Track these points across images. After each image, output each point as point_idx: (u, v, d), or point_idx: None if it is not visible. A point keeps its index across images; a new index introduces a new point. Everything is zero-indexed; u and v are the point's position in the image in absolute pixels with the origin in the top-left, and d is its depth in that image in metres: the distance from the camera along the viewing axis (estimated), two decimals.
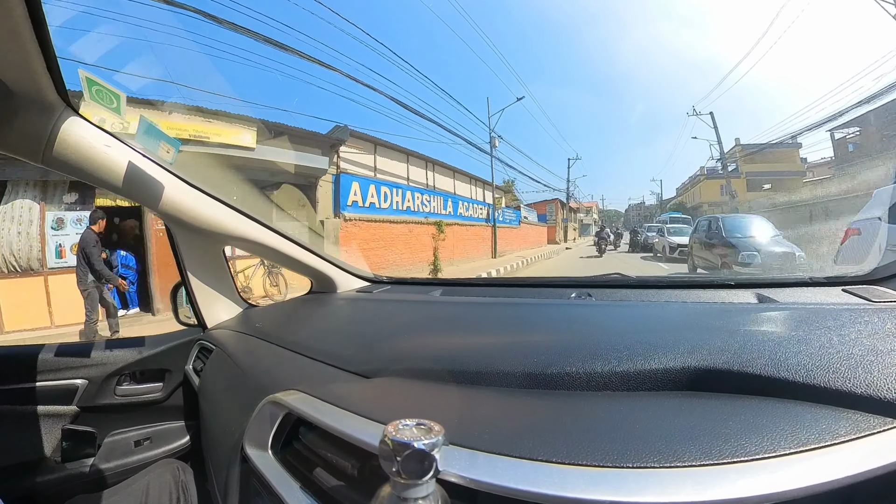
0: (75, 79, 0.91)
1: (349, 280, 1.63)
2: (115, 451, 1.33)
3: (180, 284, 1.46)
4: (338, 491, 0.49)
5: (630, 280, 1.30)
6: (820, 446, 0.34)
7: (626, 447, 0.36)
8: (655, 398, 0.49)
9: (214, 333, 1.33)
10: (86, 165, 0.98)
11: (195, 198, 1.21)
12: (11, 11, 0.62)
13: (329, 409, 0.53)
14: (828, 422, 0.37)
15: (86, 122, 0.95)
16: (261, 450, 0.61)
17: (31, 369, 1.26)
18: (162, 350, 1.43)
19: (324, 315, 1.35)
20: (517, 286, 1.44)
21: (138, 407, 1.40)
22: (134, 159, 1.04)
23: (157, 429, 1.42)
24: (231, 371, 1.00)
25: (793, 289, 0.90)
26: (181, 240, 1.35)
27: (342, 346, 0.92)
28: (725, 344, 0.54)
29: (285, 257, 1.45)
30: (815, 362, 0.46)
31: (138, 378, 1.41)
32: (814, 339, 0.53)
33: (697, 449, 0.35)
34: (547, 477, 0.34)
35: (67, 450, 1.26)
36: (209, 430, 1.00)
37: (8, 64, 0.74)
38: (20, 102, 0.83)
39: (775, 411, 0.41)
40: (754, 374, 0.47)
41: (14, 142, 0.90)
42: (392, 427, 0.33)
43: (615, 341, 0.61)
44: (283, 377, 0.82)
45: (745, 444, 0.35)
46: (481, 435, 0.41)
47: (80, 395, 1.31)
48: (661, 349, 0.56)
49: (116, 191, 1.07)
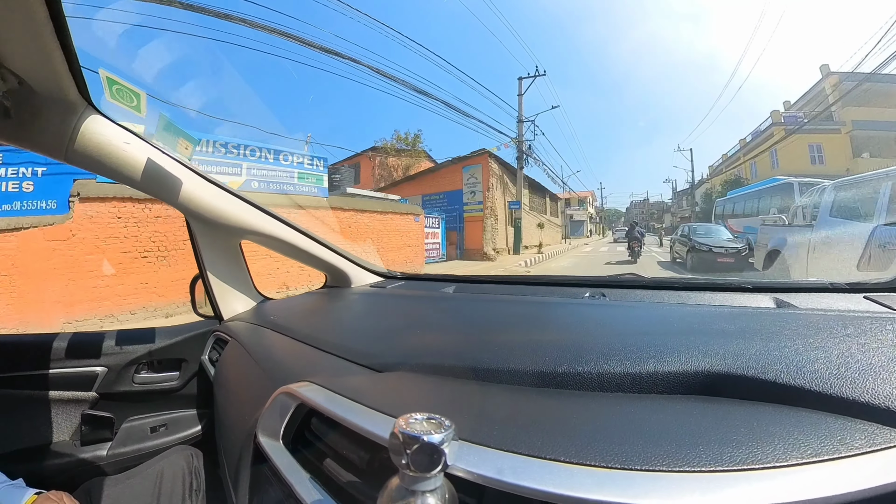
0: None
1: (363, 275, 1.65)
2: (131, 437, 1.36)
3: (198, 277, 1.49)
4: (347, 481, 0.50)
5: (645, 281, 1.28)
6: (834, 458, 0.33)
7: (636, 449, 0.36)
8: (667, 401, 0.48)
9: (230, 325, 1.36)
10: (107, 162, 1.01)
11: (213, 193, 1.24)
12: (34, 15, 0.65)
13: (341, 401, 0.54)
14: (843, 433, 0.36)
15: (107, 119, 0.98)
16: (273, 439, 0.62)
17: (53, 356, 1.30)
18: (179, 340, 1.47)
19: (337, 309, 1.37)
20: (531, 284, 1.44)
21: (155, 395, 1.43)
22: (153, 156, 1.07)
23: (172, 416, 1.45)
24: (246, 362, 1.02)
25: (812, 294, 0.88)
26: (199, 234, 1.38)
27: (355, 340, 0.93)
28: (740, 349, 0.53)
29: (300, 252, 1.47)
30: (832, 371, 0.45)
31: (156, 367, 1.44)
32: (832, 347, 0.52)
33: (707, 454, 0.35)
34: (554, 476, 0.34)
35: (86, 434, 1.30)
36: (223, 418, 1.03)
37: (31, 65, 0.77)
38: (43, 102, 0.86)
39: (789, 419, 0.40)
40: (769, 380, 0.46)
41: (38, 139, 0.93)
42: (403, 420, 0.34)
43: (628, 342, 0.61)
44: (297, 369, 0.83)
45: (756, 451, 0.34)
46: (491, 431, 0.41)
47: (100, 382, 1.35)
48: (674, 352, 0.55)
49: (136, 186, 1.10)
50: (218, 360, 1.28)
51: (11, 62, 0.75)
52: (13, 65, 0.76)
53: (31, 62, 0.76)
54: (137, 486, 1.11)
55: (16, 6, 0.63)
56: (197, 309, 1.55)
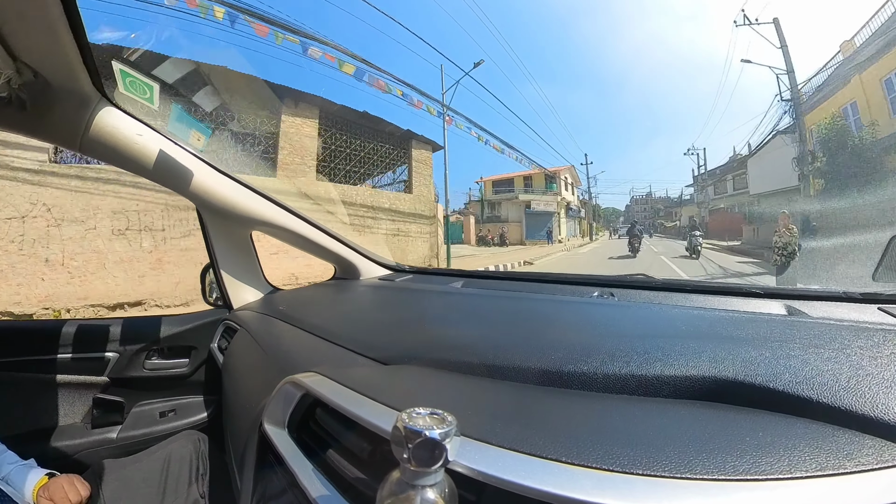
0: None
1: (372, 268, 1.66)
2: (140, 421, 1.39)
3: (209, 266, 1.51)
4: (348, 472, 0.50)
5: (655, 282, 1.27)
6: (839, 472, 0.32)
7: (638, 453, 0.36)
8: (672, 406, 0.48)
9: (240, 314, 1.37)
10: (120, 152, 1.03)
11: (224, 184, 1.25)
12: (48, 10, 0.66)
13: (345, 392, 0.54)
14: (851, 447, 0.36)
15: (120, 111, 1.00)
16: (278, 427, 0.63)
17: (67, 342, 1.33)
18: (189, 328, 1.49)
19: (345, 301, 1.37)
20: (539, 281, 1.43)
21: (165, 380, 1.46)
22: (165, 147, 1.09)
23: (181, 402, 1.48)
24: (254, 350, 1.04)
25: (825, 303, 0.86)
26: (211, 224, 1.40)
27: (362, 332, 0.93)
28: (749, 356, 0.53)
29: (310, 243, 1.48)
30: (842, 383, 0.44)
31: (166, 353, 1.47)
32: (843, 358, 0.51)
33: (711, 462, 0.34)
34: (555, 476, 0.34)
35: (97, 417, 1.34)
36: (230, 405, 1.04)
37: (46, 59, 0.79)
38: (59, 94, 0.88)
39: (796, 431, 0.39)
40: (777, 389, 0.46)
41: (53, 131, 0.96)
42: (405, 414, 0.34)
43: (635, 344, 0.60)
44: (303, 359, 0.84)
45: (760, 461, 0.34)
46: (493, 428, 0.41)
47: (111, 367, 1.38)
48: (682, 356, 0.55)
49: (148, 176, 1.12)
50: (227, 349, 1.29)
51: (27, 56, 0.77)
52: (29, 58, 0.78)
53: (47, 56, 0.78)
54: (146, 468, 1.13)
55: (31, 2, 0.65)
56: (207, 297, 1.58)
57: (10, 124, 0.92)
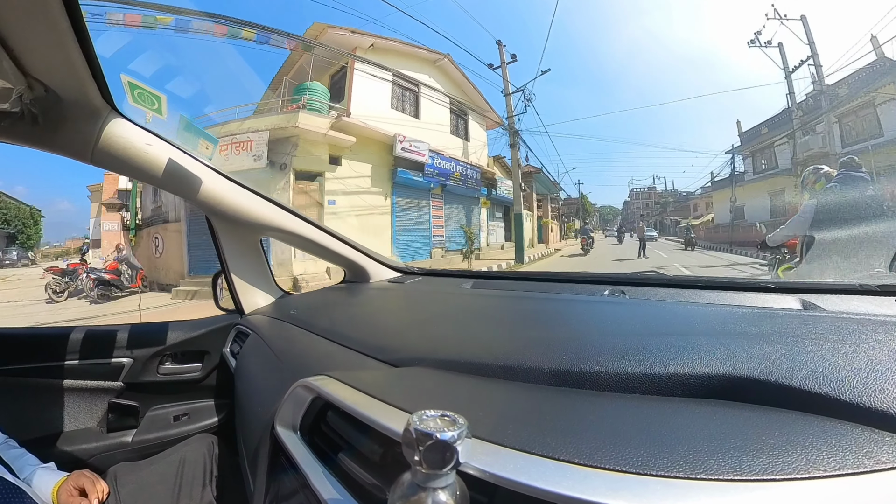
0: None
1: (381, 270, 1.66)
2: (155, 424, 1.41)
3: (220, 272, 1.53)
4: (360, 474, 0.50)
5: (666, 279, 1.26)
6: (859, 472, 0.32)
7: (652, 454, 0.35)
8: (686, 405, 0.47)
9: (251, 319, 1.39)
10: (131, 163, 1.05)
11: (233, 191, 1.27)
12: (57, 26, 0.67)
13: (356, 395, 0.55)
14: (870, 446, 0.35)
15: (129, 122, 1.02)
16: (290, 430, 0.63)
17: (83, 348, 1.36)
18: (202, 333, 1.51)
19: (356, 304, 1.38)
20: (549, 281, 1.42)
21: (178, 385, 1.48)
22: (174, 156, 1.11)
23: (194, 405, 1.49)
24: (266, 355, 1.04)
25: (841, 296, 0.84)
26: (221, 231, 1.42)
27: (372, 335, 0.94)
28: (764, 353, 0.52)
29: (320, 248, 1.49)
30: (860, 379, 0.43)
31: (179, 358, 1.49)
32: (861, 353, 0.49)
33: (727, 462, 0.33)
34: (568, 478, 0.34)
35: (112, 421, 1.36)
36: (243, 409, 1.05)
37: (56, 73, 0.80)
38: (69, 108, 0.90)
39: (813, 429, 0.38)
40: (793, 386, 0.45)
41: (65, 144, 0.98)
42: (416, 416, 0.34)
43: (647, 343, 0.59)
44: (314, 362, 0.84)
45: (777, 461, 0.33)
46: (504, 430, 0.41)
47: (126, 372, 1.40)
48: (695, 354, 0.54)
49: (159, 185, 1.14)
50: (239, 353, 1.31)
51: (38, 71, 0.79)
52: (39, 74, 0.79)
53: (56, 70, 0.80)
54: (161, 471, 1.15)
55: (39, 18, 0.66)
56: (219, 303, 1.59)
57: (23, 139, 0.94)
